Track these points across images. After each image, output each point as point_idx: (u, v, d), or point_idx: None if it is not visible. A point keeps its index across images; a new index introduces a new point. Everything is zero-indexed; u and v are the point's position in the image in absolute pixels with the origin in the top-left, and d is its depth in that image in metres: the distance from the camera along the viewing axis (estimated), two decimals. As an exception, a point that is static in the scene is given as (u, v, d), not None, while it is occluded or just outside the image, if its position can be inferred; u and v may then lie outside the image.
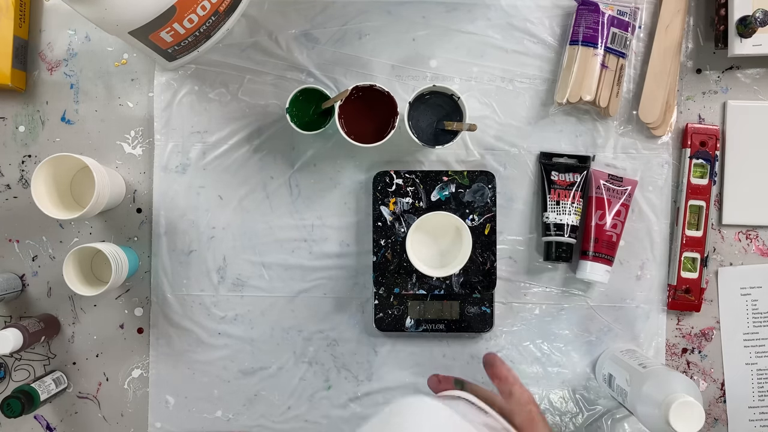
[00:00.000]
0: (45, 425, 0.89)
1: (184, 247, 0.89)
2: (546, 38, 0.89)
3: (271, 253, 0.89)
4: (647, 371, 0.77)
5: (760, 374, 0.89)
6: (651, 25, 0.88)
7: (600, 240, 0.86)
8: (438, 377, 0.73)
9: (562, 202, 0.86)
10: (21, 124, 0.89)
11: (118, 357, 0.89)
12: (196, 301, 0.89)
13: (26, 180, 0.89)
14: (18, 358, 0.89)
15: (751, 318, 0.89)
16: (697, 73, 0.89)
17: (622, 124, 0.89)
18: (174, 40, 0.79)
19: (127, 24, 0.72)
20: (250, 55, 0.89)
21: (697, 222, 0.88)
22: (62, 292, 0.89)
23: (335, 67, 0.88)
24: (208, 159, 0.89)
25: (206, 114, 0.89)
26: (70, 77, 0.89)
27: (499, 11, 0.88)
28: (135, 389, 0.89)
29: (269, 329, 0.89)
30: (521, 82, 0.89)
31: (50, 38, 0.89)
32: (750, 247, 0.89)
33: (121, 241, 0.89)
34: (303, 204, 0.89)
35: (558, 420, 0.89)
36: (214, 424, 0.89)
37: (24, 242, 0.89)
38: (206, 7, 0.77)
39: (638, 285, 0.89)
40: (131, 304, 0.89)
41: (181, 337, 0.89)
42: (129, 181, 0.89)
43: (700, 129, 0.88)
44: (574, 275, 0.88)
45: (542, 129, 0.89)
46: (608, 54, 0.85)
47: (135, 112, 0.89)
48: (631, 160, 0.89)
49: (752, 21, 0.81)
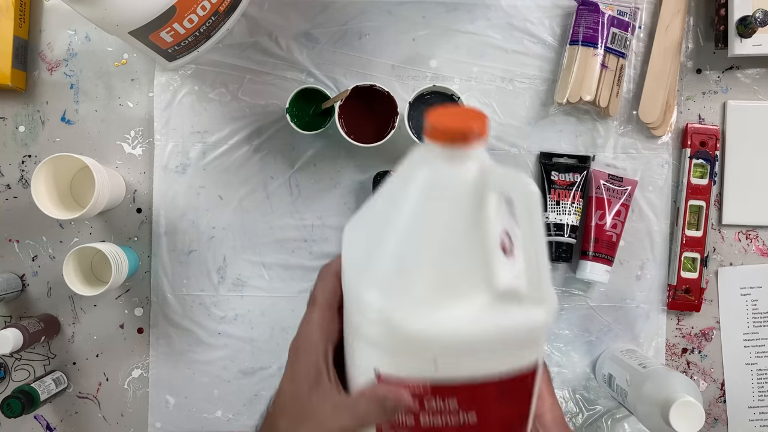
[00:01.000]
0: (45, 425, 0.89)
1: (184, 247, 0.89)
2: (546, 38, 0.89)
3: (271, 253, 0.89)
4: (647, 371, 0.77)
5: (760, 374, 0.89)
6: (651, 25, 0.88)
7: (600, 240, 0.86)
8: None
9: (562, 202, 0.86)
10: (21, 124, 0.89)
11: (118, 357, 0.89)
12: (196, 301, 0.89)
13: (26, 180, 0.89)
14: (18, 358, 0.89)
15: (751, 318, 0.89)
16: (697, 73, 0.89)
17: (622, 124, 0.89)
18: (174, 40, 0.79)
19: (127, 24, 0.72)
20: (250, 55, 0.89)
21: (697, 222, 0.88)
22: (62, 292, 0.89)
23: (335, 67, 0.88)
24: (208, 159, 0.89)
25: (206, 114, 0.89)
26: (70, 77, 0.89)
27: (499, 11, 0.88)
28: (135, 389, 0.89)
29: (269, 329, 0.89)
30: (521, 82, 0.89)
31: (50, 38, 0.89)
32: (750, 247, 0.89)
33: (121, 241, 0.89)
34: (303, 204, 0.89)
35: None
36: (214, 424, 0.89)
37: (24, 242, 0.89)
38: (206, 7, 0.77)
39: (638, 285, 0.89)
40: (131, 304, 0.89)
41: (181, 337, 0.89)
42: (129, 181, 0.89)
43: (700, 129, 0.88)
44: (574, 275, 0.88)
45: (542, 129, 0.89)
46: (608, 54, 0.85)
47: (135, 112, 0.89)
48: (631, 160, 0.89)
49: (752, 21, 0.81)
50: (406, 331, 0.41)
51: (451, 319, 0.41)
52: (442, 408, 0.44)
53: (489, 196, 0.41)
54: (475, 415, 0.45)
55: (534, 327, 0.42)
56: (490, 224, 0.42)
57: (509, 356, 0.44)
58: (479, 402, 0.44)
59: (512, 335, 0.42)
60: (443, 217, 0.42)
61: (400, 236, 0.42)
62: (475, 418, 0.45)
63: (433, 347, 0.42)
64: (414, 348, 0.42)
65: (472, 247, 0.42)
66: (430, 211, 0.42)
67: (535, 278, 0.42)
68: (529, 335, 0.43)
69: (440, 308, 0.41)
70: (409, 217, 0.42)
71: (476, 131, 0.40)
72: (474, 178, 0.41)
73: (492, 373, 0.43)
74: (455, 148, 0.41)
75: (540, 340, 0.44)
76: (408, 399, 0.44)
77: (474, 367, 0.43)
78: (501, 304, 0.42)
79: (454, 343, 0.42)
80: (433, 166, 0.42)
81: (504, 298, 0.42)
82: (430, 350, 0.42)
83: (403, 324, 0.41)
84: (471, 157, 0.41)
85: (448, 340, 0.42)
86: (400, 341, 0.42)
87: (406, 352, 0.43)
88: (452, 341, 0.42)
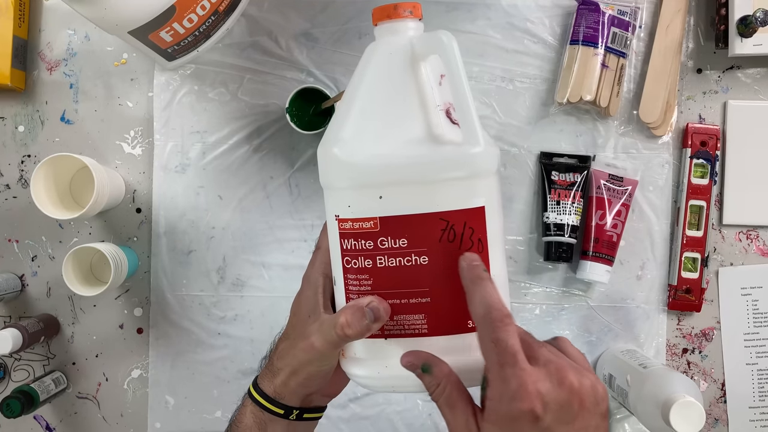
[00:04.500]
0: (44, 425, 0.89)
1: (183, 248, 0.89)
2: (546, 38, 0.88)
3: (271, 253, 0.89)
4: (648, 371, 0.77)
5: (761, 374, 0.88)
6: (651, 24, 0.88)
7: (600, 240, 0.86)
8: None
9: (563, 202, 0.86)
10: (20, 124, 0.89)
11: (118, 357, 0.89)
12: (196, 302, 0.89)
13: (26, 180, 0.89)
14: (17, 359, 0.89)
15: (751, 318, 0.89)
16: (698, 73, 0.89)
17: (623, 123, 0.89)
18: (174, 40, 0.79)
19: (126, 24, 0.72)
20: (250, 55, 0.88)
21: (697, 222, 0.88)
22: (62, 292, 0.88)
23: (335, 67, 0.88)
24: (208, 159, 0.89)
25: (206, 114, 0.89)
26: (69, 77, 0.89)
27: (499, 11, 0.88)
28: (134, 389, 0.89)
29: (269, 329, 0.89)
30: (521, 81, 0.89)
31: (50, 38, 0.89)
32: (750, 247, 0.89)
33: (121, 241, 0.89)
34: (303, 204, 0.89)
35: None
36: (214, 424, 0.89)
37: (23, 242, 0.89)
38: (206, 7, 0.77)
39: (639, 285, 0.89)
40: (131, 304, 0.89)
41: (180, 338, 0.89)
42: (128, 181, 0.89)
43: (700, 129, 0.88)
44: (575, 275, 0.88)
45: (542, 129, 0.89)
46: (608, 54, 0.85)
47: (134, 112, 0.89)
48: (631, 160, 0.89)
49: (753, 21, 0.81)
50: (355, 164, 0.50)
51: (390, 149, 0.50)
52: (394, 247, 0.50)
53: (420, 57, 0.51)
54: (426, 257, 0.50)
55: (466, 159, 0.49)
56: (423, 78, 0.52)
57: (449, 191, 0.50)
58: (428, 242, 0.50)
59: (446, 165, 0.49)
60: (389, 79, 0.52)
61: (357, 102, 0.52)
62: (427, 260, 0.50)
63: (377, 176, 0.50)
64: (363, 182, 0.50)
65: (411, 102, 0.51)
66: (378, 77, 0.52)
67: (469, 127, 0.49)
68: (464, 168, 0.49)
69: (383, 145, 0.50)
70: (364, 86, 0.52)
71: (405, 6, 0.53)
72: (407, 42, 0.52)
73: (434, 209, 0.49)
74: (392, 20, 0.53)
75: (479, 179, 0.50)
76: (386, 305, 0.50)
77: (416, 201, 0.49)
78: (435, 144, 0.50)
79: (393, 169, 0.50)
80: (378, 43, 0.53)
81: (438, 140, 0.50)
82: (374, 181, 0.50)
83: (351, 157, 0.50)
84: (407, 28, 0.53)
85: (387, 166, 0.50)
86: (353, 177, 0.51)
87: (356, 189, 0.51)
88: (390, 167, 0.50)
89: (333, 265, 0.54)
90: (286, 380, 0.55)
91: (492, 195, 0.51)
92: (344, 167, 0.51)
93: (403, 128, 0.51)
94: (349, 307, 0.51)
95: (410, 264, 0.50)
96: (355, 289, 0.51)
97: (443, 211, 0.49)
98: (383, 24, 0.53)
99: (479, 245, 0.50)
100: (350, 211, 0.51)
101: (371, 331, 0.50)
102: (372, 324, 0.50)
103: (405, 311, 0.51)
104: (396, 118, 0.51)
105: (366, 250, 0.50)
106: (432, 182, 0.49)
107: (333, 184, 0.52)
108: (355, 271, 0.51)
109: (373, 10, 0.53)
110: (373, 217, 0.50)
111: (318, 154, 0.53)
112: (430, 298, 0.50)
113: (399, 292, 0.51)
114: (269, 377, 0.57)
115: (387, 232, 0.50)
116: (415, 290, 0.50)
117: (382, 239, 0.50)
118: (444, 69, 0.51)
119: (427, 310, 0.50)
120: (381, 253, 0.50)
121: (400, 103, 0.52)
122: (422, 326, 0.50)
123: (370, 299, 0.50)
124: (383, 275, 0.50)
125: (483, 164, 0.50)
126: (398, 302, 0.51)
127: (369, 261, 0.51)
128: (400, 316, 0.51)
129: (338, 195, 0.52)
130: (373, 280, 0.51)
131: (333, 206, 0.52)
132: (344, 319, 0.50)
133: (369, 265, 0.51)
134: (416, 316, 0.51)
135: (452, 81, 0.50)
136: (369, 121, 0.51)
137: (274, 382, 0.56)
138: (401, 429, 0.89)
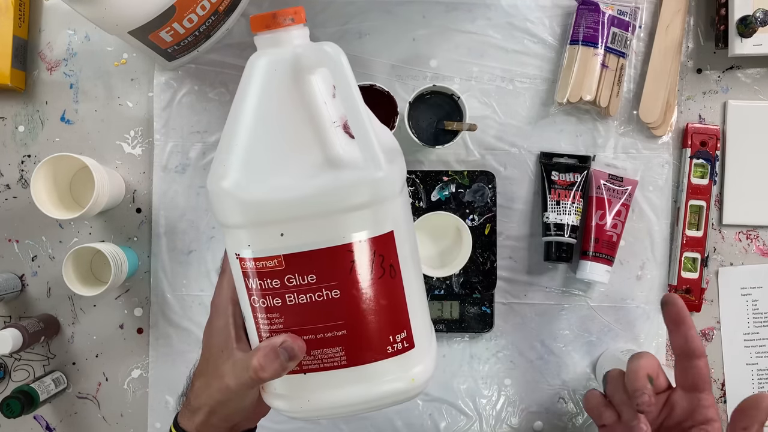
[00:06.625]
0: (44, 425, 0.89)
1: (183, 247, 0.89)
2: (546, 38, 0.88)
3: (270, 253, 0.89)
4: (648, 371, 0.77)
5: (761, 374, 0.88)
6: (651, 24, 0.88)
7: (600, 240, 0.86)
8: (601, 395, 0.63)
9: (563, 202, 0.86)
10: (20, 124, 0.89)
11: (118, 357, 0.89)
12: (196, 302, 0.89)
13: (26, 180, 0.89)
14: (17, 359, 0.89)
15: (751, 318, 0.89)
16: (698, 73, 0.89)
17: (623, 124, 0.89)
18: (174, 40, 0.79)
19: (126, 23, 0.72)
20: (250, 55, 0.88)
21: (697, 222, 0.88)
22: (62, 293, 0.88)
23: (335, 67, 0.88)
24: (208, 159, 0.89)
25: (206, 114, 0.89)
26: (69, 77, 0.89)
27: (499, 11, 0.88)
28: (135, 389, 0.89)
29: (269, 329, 0.89)
30: (521, 81, 0.89)
31: (50, 38, 0.89)
32: (750, 247, 0.89)
33: (121, 241, 0.89)
34: (303, 204, 0.89)
35: (558, 421, 0.89)
36: (214, 424, 0.89)
37: (23, 242, 0.89)
38: (206, 7, 0.77)
39: (638, 285, 0.89)
40: (131, 304, 0.89)
41: (180, 338, 0.89)
42: (129, 181, 0.89)
43: (700, 129, 0.88)
44: (574, 275, 0.88)
45: (542, 129, 0.89)
46: (608, 54, 0.85)
47: (134, 112, 0.89)
48: (631, 160, 0.89)
49: (753, 21, 0.81)
50: (249, 201, 0.45)
51: (285, 181, 0.45)
52: (303, 283, 0.46)
53: (307, 71, 0.46)
54: (338, 291, 0.46)
55: (368, 185, 0.45)
56: (315, 97, 0.46)
57: (354, 221, 0.46)
58: (339, 275, 0.46)
59: (348, 193, 0.45)
60: (275, 99, 0.46)
61: (242, 127, 0.46)
62: (339, 293, 0.47)
63: (274, 213, 0.45)
64: (260, 219, 0.46)
65: (303, 121, 0.46)
66: (263, 96, 0.47)
67: (368, 146, 0.45)
68: (367, 194, 0.46)
69: (278, 177, 0.46)
70: (247, 107, 0.47)
71: (285, 13, 0.46)
72: (293, 55, 0.46)
73: (340, 242, 0.46)
74: (272, 31, 0.47)
75: (384, 204, 0.46)
76: (300, 343, 0.47)
77: (320, 235, 0.46)
78: (334, 170, 0.46)
79: (291, 204, 0.45)
80: (259, 56, 0.48)
81: (336, 165, 0.46)
82: (273, 219, 0.45)
83: (243, 193, 0.45)
84: (290, 38, 0.47)
85: (284, 202, 0.45)
86: (249, 215, 0.46)
87: (254, 227, 0.46)
88: (288, 203, 0.45)
89: (241, 302, 0.50)
90: (206, 419, 0.53)
91: (399, 216, 0.48)
92: (237, 204, 0.46)
93: (296, 153, 0.46)
94: (261, 348, 0.48)
95: (322, 299, 0.47)
96: (267, 327, 0.48)
97: (350, 243, 0.46)
98: (263, 35, 0.48)
99: (391, 271, 0.47)
100: (251, 250, 0.47)
101: (287, 371, 0.48)
102: (287, 363, 0.47)
103: (322, 345, 0.48)
104: (287, 142, 0.47)
105: (273, 288, 0.47)
106: (335, 213, 0.46)
107: (228, 222, 0.48)
108: (265, 311, 0.48)
109: (251, 17, 0.48)
110: (277, 256, 0.46)
111: (207, 188, 0.48)
112: (346, 331, 0.47)
113: (313, 327, 0.48)
114: (188, 416, 0.54)
115: (293, 269, 0.46)
116: (330, 324, 0.47)
117: (288, 277, 0.46)
118: (335, 83, 0.47)
119: (345, 342, 0.48)
120: (289, 290, 0.47)
121: (290, 125, 0.47)
122: (341, 358, 0.48)
123: (283, 339, 0.47)
124: (295, 312, 0.47)
125: (387, 187, 0.46)
126: (314, 337, 0.48)
127: (278, 300, 0.47)
128: (318, 351, 0.48)
129: (236, 234, 0.48)
130: (284, 318, 0.48)
131: (232, 245, 0.48)
132: (257, 362, 0.47)
133: (278, 304, 0.47)
134: (334, 349, 0.48)
135: (344, 97, 0.46)
136: (258, 147, 0.46)
137: (194, 420, 0.53)
138: (401, 429, 0.89)
